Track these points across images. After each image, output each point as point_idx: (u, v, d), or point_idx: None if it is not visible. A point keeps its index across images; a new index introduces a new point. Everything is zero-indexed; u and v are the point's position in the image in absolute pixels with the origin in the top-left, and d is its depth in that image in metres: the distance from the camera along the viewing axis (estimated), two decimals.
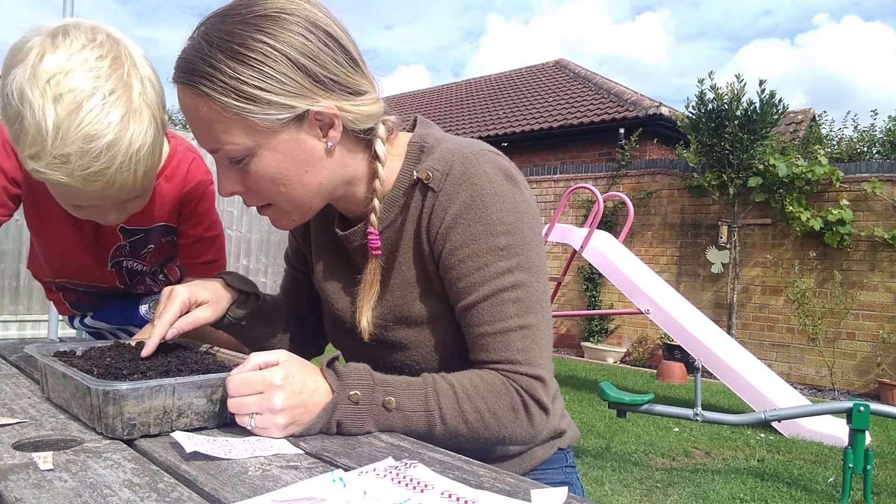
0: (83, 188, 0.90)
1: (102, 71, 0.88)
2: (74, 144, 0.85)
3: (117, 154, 0.88)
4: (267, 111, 0.79)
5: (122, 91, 0.89)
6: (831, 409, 3.30)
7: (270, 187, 0.85)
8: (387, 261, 0.93)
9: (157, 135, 0.94)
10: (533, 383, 0.84)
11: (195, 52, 0.79)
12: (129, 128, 0.89)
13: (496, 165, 0.87)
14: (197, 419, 0.76)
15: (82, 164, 0.87)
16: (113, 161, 0.88)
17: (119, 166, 0.89)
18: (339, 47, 0.83)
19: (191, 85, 0.79)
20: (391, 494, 0.57)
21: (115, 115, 0.87)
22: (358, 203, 0.93)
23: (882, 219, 6.51)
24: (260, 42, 0.78)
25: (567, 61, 13.77)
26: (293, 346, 1.14)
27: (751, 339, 7.23)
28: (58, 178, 0.88)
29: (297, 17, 0.81)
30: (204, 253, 1.29)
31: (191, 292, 0.94)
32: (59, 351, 0.94)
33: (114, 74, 0.89)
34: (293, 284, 1.16)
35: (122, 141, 0.88)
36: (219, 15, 0.81)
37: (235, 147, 0.81)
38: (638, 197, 8.04)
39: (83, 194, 0.93)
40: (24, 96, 0.85)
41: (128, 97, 0.89)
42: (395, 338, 0.93)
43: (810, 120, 14.04)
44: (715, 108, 7.18)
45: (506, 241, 0.84)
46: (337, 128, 0.84)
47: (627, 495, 3.16)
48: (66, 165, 0.87)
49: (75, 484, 0.57)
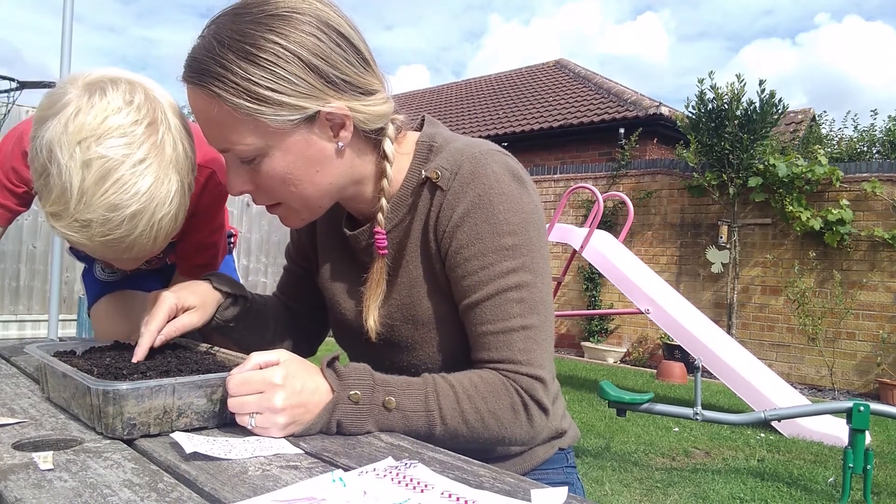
0: (101, 252, 0.91)
1: (136, 137, 0.85)
2: (97, 212, 0.83)
3: (139, 223, 0.86)
4: (278, 112, 0.79)
5: (154, 159, 0.86)
6: (831, 409, 3.30)
7: (280, 187, 0.85)
8: (394, 259, 0.93)
9: (182, 201, 0.91)
10: (533, 384, 0.84)
11: (206, 51, 0.79)
12: (155, 198, 0.86)
13: (505, 166, 0.87)
14: (197, 419, 0.76)
15: (103, 230, 0.85)
16: (134, 230, 0.87)
17: (140, 234, 0.87)
18: (351, 46, 0.83)
19: (202, 85, 0.79)
20: (391, 494, 0.57)
21: (142, 185, 0.85)
22: (366, 202, 0.93)
23: (882, 219, 6.51)
24: (271, 42, 0.77)
25: (567, 61, 13.77)
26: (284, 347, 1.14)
27: (751, 339, 7.23)
28: (76, 240, 0.87)
29: (309, 16, 0.80)
30: (201, 255, 1.27)
31: (178, 297, 0.94)
32: (59, 351, 0.94)
33: (147, 141, 0.86)
34: (292, 281, 1.16)
35: (147, 211, 0.86)
36: (230, 14, 0.81)
37: (246, 147, 0.81)
38: (638, 197, 8.04)
39: (100, 254, 0.93)
40: (52, 154, 0.83)
41: (158, 165, 0.87)
42: (402, 337, 0.93)
43: (810, 120, 14.04)
44: (715, 107, 7.18)
45: (511, 241, 0.84)
46: (348, 128, 0.84)
47: (627, 495, 3.16)
48: (85, 230, 0.85)
49: (75, 484, 0.57)
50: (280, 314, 1.14)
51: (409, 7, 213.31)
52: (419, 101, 15.23)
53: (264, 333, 1.10)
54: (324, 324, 1.17)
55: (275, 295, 1.19)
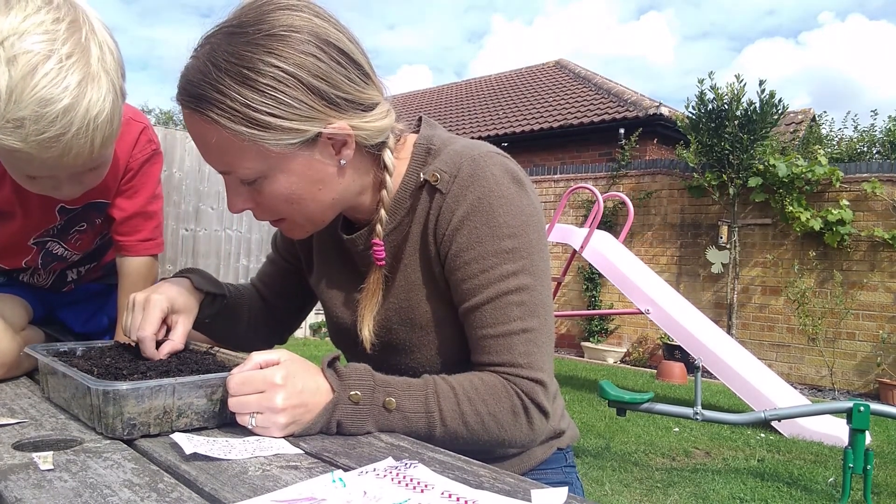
0: (38, 155, 0.86)
1: (59, 34, 0.83)
2: (29, 108, 0.81)
3: (74, 119, 0.84)
4: (279, 137, 0.77)
5: (80, 55, 0.84)
6: (831, 409, 3.30)
7: (283, 205, 0.84)
8: (392, 262, 0.93)
9: (116, 102, 0.89)
10: (534, 387, 0.84)
11: (202, 75, 0.76)
12: (87, 93, 0.84)
13: (504, 168, 0.87)
14: (197, 419, 0.76)
15: (37, 128, 0.82)
16: (69, 127, 0.84)
17: (76, 133, 0.84)
18: (351, 62, 0.81)
19: (199, 112, 0.77)
20: (391, 494, 0.57)
21: (72, 80, 0.83)
22: (364, 210, 0.93)
23: (882, 219, 6.51)
24: (270, 66, 0.75)
25: (567, 61, 13.78)
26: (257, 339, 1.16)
27: (751, 339, 7.23)
28: (11, 143, 0.83)
29: (307, 34, 0.78)
30: (140, 229, 1.20)
31: (168, 300, 0.93)
32: (59, 351, 0.94)
33: (71, 38, 0.84)
34: (273, 272, 1.16)
35: (80, 106, 0.84)
36: (224, 33, 0.78)
37: (248, 171, 0.80)
38: (638, 197, 8.04)
39: (38, 162, 0.88)
40: None
41: (86, 62, 0.85)
42: (399, 340, 0.93)
43: (810, 120, 14.04)
44: (715, 108, 7.19)
45: (511, 244, 0.84)
46: (350, 146, 0.83)
47: (627, 495, 3.16)
48: (19, 130, 0.82)
49: (75, 484, 0.57)
50: (254, 304, 1.14)
51: (410, 7, 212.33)
52: (419, 102, 15.23)
53: (237, 325, 1.11)
54: (297, 316, 1.19)
55: (252, 283, 1.19)
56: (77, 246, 1.21)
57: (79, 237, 1.20)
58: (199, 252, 7.58)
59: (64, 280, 1.29)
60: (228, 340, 1.12)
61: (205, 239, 7.64)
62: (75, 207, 1.13)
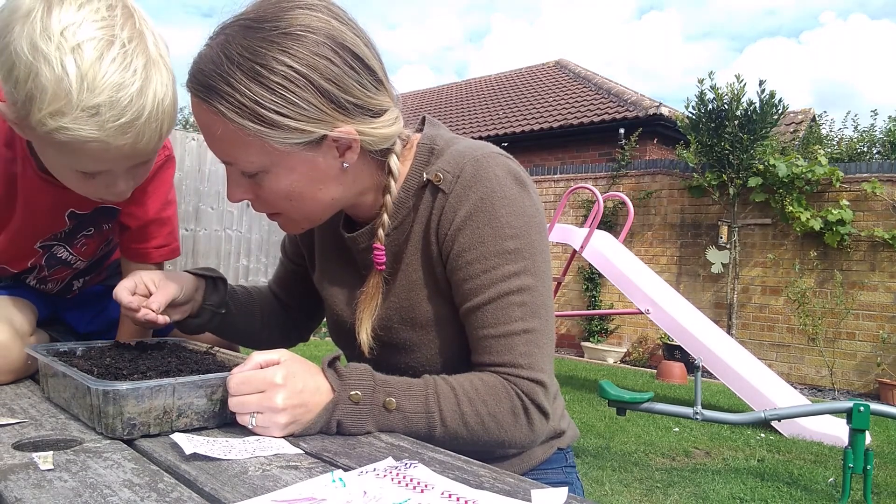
0: (113, 143, 0.83)
1: (116, 20, 0.82)
2: (104, 94, 0.79)
3: (146, 103, 0.82)
4: (285, 135, 0.78)
5: (139, 40, 0.83)
6: (831, 409, 3.30)
7: (282, 201, 0.85)
8: (393, 262, 0.93)
9: (175, 91, 0.88)
10: (534, 388, 0.84)
11: (214, 66, 0.76)
12: (153, 77, 0.83)
13: (506, 169, 0.87)
14: (197, 419, 0.76)
15: (114, 114, 0.80)
16: (143, 111, 0.82)
17: (147, 117, 0.83)
18: (365, 68, 0.81)
19: (207, 102, 0.77)
20: (391, 494, 0.57)
21: (138, 64, 0.81)
22: (366, 209, 0.93)
23: (882, 219, 6.51)
24: (282, 64, 0.75)
25: (567, 61, 13.77)
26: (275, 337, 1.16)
27: (751, 339, 7.23)
28: (87, 133, 0.80)
29: (323, 35, 0.78)
30: (155, 236, 1.19)
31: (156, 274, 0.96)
32: (59, 351, 0.94)
33: (127, 23, 0.83)
34: (286, 276, 1.17)
35: (149, 90, 0.83)
36: (240, 26, 0.78)
37: (250, 164, 0.81)
38: (638, 197, 8.04)
39: (112, 151, 0.84)
40: (36, 50, 0.77)
41: (145, 46, 0.84)
42: (400, 339, 0.93)
43: (810, 120, 14.04)
44: (715, 108, 7.18)
45: (514, 244, 0.84)
46: (354, 150, 0.83)
47: (627, 495, 3.16)
48: (95, 118, 0.80)
49: (75, 484, 0.57)
50: (266, 303, 1.15)
51: (411, 7, 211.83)
52: (420, 101, 15.23)
53: (252, 321, 1.12)
54: (315, 314, 1.19)
55: (269, 285, 1.20)
56: (83, 251, 1.20)
57: (85, 241, 1.18)
58: (199, 252, 7.58)
59: (70, 289, 1.29)
60: (246, 340, 1.15)
61: (205, 239, 7.64)
62: (84, 212, 1.12)
